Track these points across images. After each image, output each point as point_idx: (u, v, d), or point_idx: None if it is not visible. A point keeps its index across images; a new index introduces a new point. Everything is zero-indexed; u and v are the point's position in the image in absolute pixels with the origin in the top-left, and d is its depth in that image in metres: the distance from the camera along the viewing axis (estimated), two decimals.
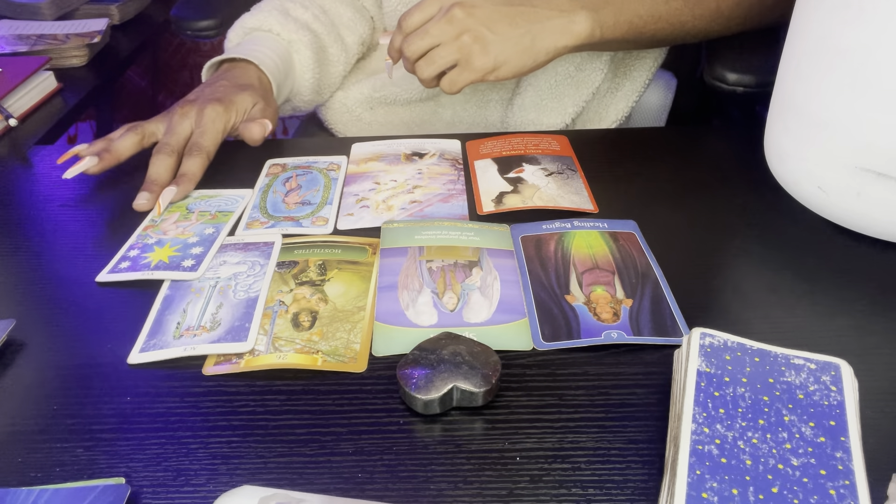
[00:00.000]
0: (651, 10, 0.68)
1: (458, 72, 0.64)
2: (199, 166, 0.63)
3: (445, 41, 0.64)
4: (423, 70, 0.65)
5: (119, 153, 0.64)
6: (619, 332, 0.46)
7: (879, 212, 0.51)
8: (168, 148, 0.63)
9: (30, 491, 0.37)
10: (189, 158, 0.63)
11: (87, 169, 0.61)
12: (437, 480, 0.38)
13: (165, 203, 0.60)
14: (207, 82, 0.72)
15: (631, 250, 0.54)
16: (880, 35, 0.45)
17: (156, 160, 0.63)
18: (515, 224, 0.58)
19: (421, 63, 0.65)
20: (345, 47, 0.85)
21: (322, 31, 0.82)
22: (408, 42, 0.65)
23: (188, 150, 0.64)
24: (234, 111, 0.67)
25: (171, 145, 0.64)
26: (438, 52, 0.64)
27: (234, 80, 0.71)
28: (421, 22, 0.66)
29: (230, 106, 0.67)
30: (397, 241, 0.56)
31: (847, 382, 0.38)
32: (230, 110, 0.67)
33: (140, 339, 0.48)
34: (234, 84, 0.70)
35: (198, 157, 0.63)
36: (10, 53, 1.02)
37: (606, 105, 0.83)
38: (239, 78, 0.71)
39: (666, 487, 0.35)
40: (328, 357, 0.46)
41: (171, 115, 0.66)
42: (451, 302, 0.50)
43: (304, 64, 0.80)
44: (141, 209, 0.60)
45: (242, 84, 0.70)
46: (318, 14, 0.83)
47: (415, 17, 0.66)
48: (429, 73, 0.65)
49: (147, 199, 0.60)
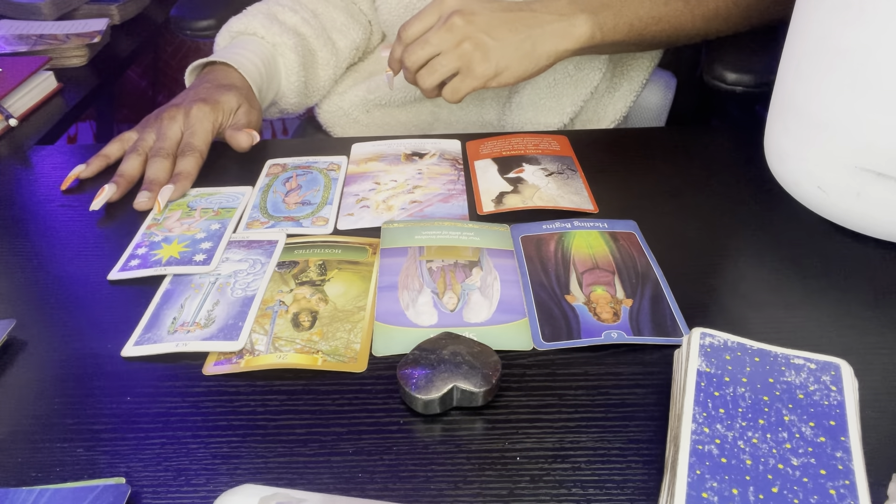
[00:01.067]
0: (651, 12, 0.68)
1: (459, 80, 0.65)
2: (193, 165, 0.64)
3: (446, 49, 0.64)
4: (425, 79, 0.65)
5: (132, 177, 0.65)
6: (619, 332, 0.46)
7: (879, 212, 0.51)
8: (162, 152, 0.65)
9: (30, 491, 0.37)
10: (183, 158, 0.64)
11: (111, 198, 0.63)
12: (438, 480, 0.38)
13: (164, 201, 0.61)
14: (191, 86, 0.73)
15: (631, 250, 0.54)
16: (880, 35, 0.45)
17: (152, 163, 0.64)
18: (515, 224, 0.58)
19: (422, 73, 0.65)
20: (335, 51, 0.85)
21: (310, 35, 0.82)
22: (408, 52, 0.65)
23: (181, 150, 0.65)
24: (221, 111, 0.69)
25: (164, 149, 0.65)
26: (439, 61, 0.64)
27: (217, 81, 0.72)
28: (421, 31, 0.66)
29: (216, 106, 0.68)
30: (397, 241, 0.56)
31: (847, 382, 0.38)
32: (216, 110, 0.68)
33: (136, 332, 0.48)
34: (218, 85, 0.71)
35: (191, 157, 0.64)
36: (10, 53, 1.02)
37: (605, 105, 0.83)
38: (222, 79, 0.72)
39: (666, 487, 0.35)
40: (328, 357, 0.46)
41: (160, 120, 0.67)
42: (452, 302, 0.50)
43: (289, 67, 0.80)
44: (141, 208, 0.61)
45: (226, 85, 0.71)
46: (308, 18, 0.83)
47: (414, 27, 0.66)
48: (430, 82, 0.65)
49: (147, 198, 0.61)
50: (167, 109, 0.68)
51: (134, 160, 0.65)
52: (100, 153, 0.68)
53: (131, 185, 0.64)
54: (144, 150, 0.66)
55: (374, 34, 0.91)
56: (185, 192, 0.63)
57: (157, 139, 0.66)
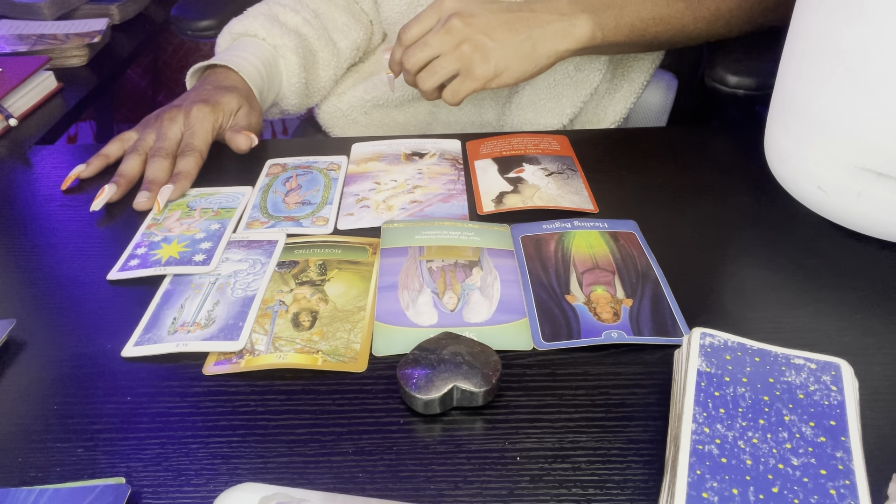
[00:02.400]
0: (653, 13, 0.68)
1: (459, 81, 0.65)
2: (193, 165, 0.64)
3: (445, 51, 0.64)
4: (425, 81, 0.65)
5: (132, 177, 0.65)
6: (619, 332, 0.46)
7: (879, 212, 0.51)
8: (162, 152, 0.65)
9: (30, 491, 0.37)
10: (183, 158, 0.64)
11: (111, 198, 0.63)
12: (438, 480, 0.38)
13: (164, 200, 0.61)
14: (192, 88, 0.73)
15: (631, 250, 0.54)
16: (880, 35, 0.45)
17: (152, 163, 0.64)
18: (516, 224, 0.58)
19: (422, 75, 0.65)
20: (336, 52, 0.85)
21: (312, 36, 0.82)
22: (408, 54, 0.65)
23: (181, 151, 0.65)
24: (221, 112, 0.69)
25: (164, 149, 0.65)
26: (439, 63, 0.64)
27: (218, 83, 0.72)
28: (420, 34, 0.66)
29: (216, 107, 0.68)
30: (397, 241, 0.56)
31: (847, 382, 0.38)
32: (217, 111, 0.68)
33: (136, 332, 0.48)
34: (218, 86, 0.71)
35: (191, 157, 0.64)
36: (10, 53, 1.02)
37: (605, 106, 0.83)
38: (222, 81, 0.72)
39: (666, 487, 0.35)
40: (328, 357, 0.46)
41: (160, 120, 0.68)
42: (452, 302, 0.50)
43: (290, 69, 0.80)
44: (141, 208, 0.61)
45: (226, 86, 0.71)
46: (310, 18, 0.83)
47: (414, 30, 0.66)
48: (430, 84, 0.65)
49: (147, 198, 0.61)
50: (167, 110, 0.68)
51: (134, 160, 0.65)
52: (99, 153, 0.68)
53: (131, 184, 0.64)
54: (144, 149, 0.66)
55: (374, 34, 0.91)
56: (185, 192, 0.63)
57: (157, 139, 0.66)
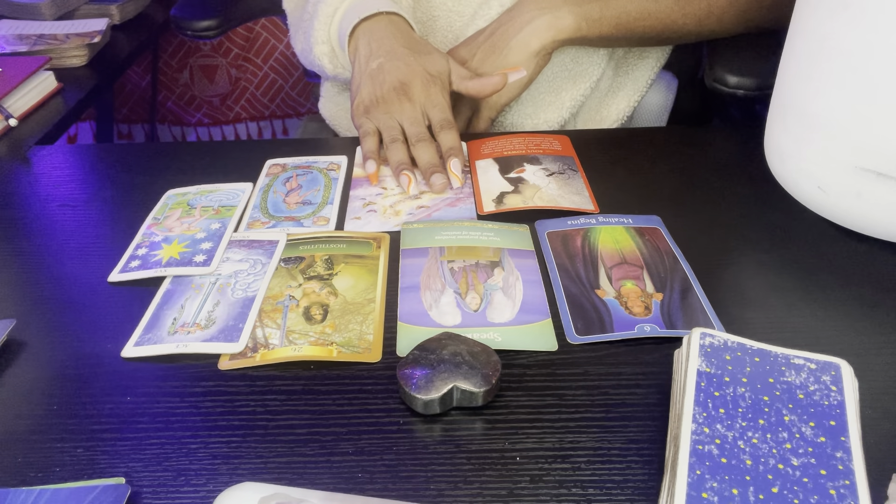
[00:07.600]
0: (640, 7, 0.69)
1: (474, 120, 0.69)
2: (457, 139, 0.65)
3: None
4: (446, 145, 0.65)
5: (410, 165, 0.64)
6: (651, 326, 0.47)
7: (879, 212, 0.51)
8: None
9: (30, 491, 0.37)
10: (444, 133, 0.64)
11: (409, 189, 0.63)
12: (438, 480, 0.38)
13: (459, 171, 0.63)
14: (384, 53, 0.68)
15: (657, 245, 0.54)
16: (880, 35, 0.45)
17: (419, 149, 0.64)
18: (540, 220, 0.58)
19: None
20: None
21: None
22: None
23: (439, 128, 0.65)
24: (440, 80, 0.68)
25: (423, 133, 0.65)
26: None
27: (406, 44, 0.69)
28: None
29: (436, 77, 0.67)
30: (418, 241, 0.56)
31: (847, 382, 0.38)
32: (439, 79, 0.67)
33: (136, 332, 0.48)
34: (414, 51, 0.68)
35: (451, 131, 0.65)
36: (10, 53, 1.02)
37: (608, 104, 0.83)
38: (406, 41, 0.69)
39: (666, 487, 0.35)
40: (343, 348, 0.46)
41: (398, 103, 0.66)
42: (475, 302, 0.50)
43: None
44: (442, 189, 0.62)
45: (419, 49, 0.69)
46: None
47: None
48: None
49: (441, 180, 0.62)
50: (392, 92, 0.66)
51: (402, 149, 0.64)
52: (367, 150, 0.65)
53: (413, 171, 0.64)
54: (399, 136, 0.65)
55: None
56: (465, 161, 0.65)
57: (408, 124, 0.65)
